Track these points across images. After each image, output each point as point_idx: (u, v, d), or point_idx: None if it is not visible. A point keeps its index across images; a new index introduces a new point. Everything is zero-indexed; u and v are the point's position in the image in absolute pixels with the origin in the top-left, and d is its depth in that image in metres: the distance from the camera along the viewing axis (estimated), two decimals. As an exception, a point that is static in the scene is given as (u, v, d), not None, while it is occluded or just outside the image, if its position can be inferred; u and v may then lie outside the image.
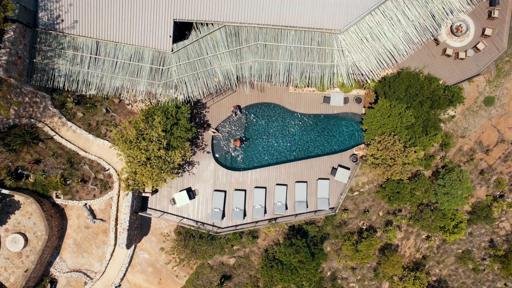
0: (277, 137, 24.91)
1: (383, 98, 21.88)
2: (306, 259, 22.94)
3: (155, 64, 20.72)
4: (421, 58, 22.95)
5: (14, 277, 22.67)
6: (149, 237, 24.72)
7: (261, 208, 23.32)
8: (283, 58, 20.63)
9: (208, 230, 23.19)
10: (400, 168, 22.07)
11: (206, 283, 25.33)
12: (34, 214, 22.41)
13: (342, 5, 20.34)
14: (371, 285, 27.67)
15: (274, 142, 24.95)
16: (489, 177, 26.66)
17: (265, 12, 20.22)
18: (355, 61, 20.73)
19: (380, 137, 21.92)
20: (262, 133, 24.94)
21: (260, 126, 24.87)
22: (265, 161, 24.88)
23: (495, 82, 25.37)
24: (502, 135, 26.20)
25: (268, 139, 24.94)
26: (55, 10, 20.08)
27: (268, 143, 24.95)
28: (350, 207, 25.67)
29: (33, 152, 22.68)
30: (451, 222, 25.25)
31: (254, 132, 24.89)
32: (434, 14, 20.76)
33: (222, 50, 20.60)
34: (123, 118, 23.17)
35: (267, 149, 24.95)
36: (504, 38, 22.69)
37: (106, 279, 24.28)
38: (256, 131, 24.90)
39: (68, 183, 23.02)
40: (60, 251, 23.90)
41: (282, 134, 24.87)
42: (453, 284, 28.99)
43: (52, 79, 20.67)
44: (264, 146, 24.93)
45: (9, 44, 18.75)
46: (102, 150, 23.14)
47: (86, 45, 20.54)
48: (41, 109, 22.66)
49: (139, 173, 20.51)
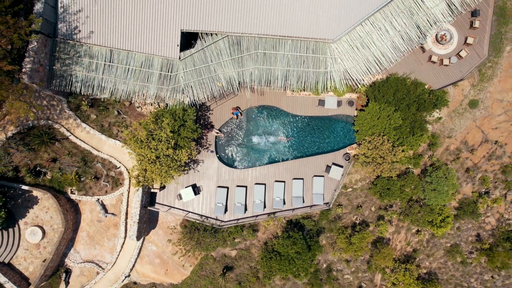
0: (275, 137, 27.40)
1: (373, 101, 24.38)
2: (302, 250, 25.40)
3: (164, 70, 23.24)
4: (409, 64, 25.45)
5: (32, 266, 25.14)
6: (156, 230, 27.19)
7: (261, 203, 25.82)
8: (281, 65, 23.15)
9: (212, 223, 25.67)
10: (388, 166, 24.55)
11: (209, 273, 27.79)
12: (51, 209, 24.89)
13: (335, 16, 22.85)
14: (365, 277, 30.10)
15: (273, 141, 27.45)
16: (475, 175, 29.12)
17: (264, 23, 22.73)
18: (346, 68, 23.24)
19: (371, 137, 24.42)
20: (262, 133, 27.43)
21: (260, 127, 27.37)
22: (264, 159, 27.37)
23: (479, 86, 27.86)
24: (486, 136, 28.67)
25: (268, 139, 27.44)
26: (73, 21, 22.59)
27: (267, 143, 27.45)
28: (344, 203, 28.14)
29: (50, 151, 25.15)
30: (438, 217, 27.68)
31: (255, 132, 27.39)
32: (419, 25, 23.27)
33: (225, 58, 23.12)
34: (133, 120, 25.65)
35: (267, 148, 27.46)
36: (484, 46, 25.19)
37: (116, 269, 26.73)
38: (256, 132, 27.40)
39: (82, 180, 25.49)
40: (74, 243, 26.36)
41: (280, 134, 27.37)
42: (442, 276, 31.39)
43: (70, 84, 23.17)
44: (263, 145, 27.44)
45: (32, 53, 21.24)
46: (114, 149, 25.61)
47: (101, 53, 23.04)
48: (58, 112, 25.14)
49: (149, 170, 22.99)
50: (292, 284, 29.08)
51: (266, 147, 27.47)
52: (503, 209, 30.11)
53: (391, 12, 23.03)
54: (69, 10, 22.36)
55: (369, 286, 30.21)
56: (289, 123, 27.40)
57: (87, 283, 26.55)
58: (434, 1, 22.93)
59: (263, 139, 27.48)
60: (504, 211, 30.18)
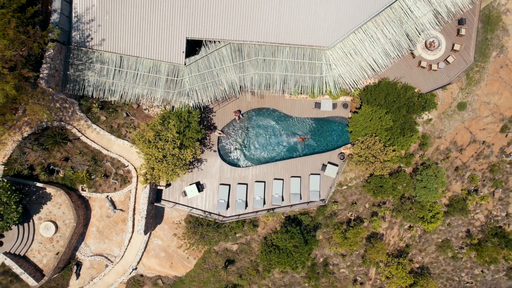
0: (275, 137, 29.63)
1: (366, 104, 26.59)
2: (299, 244, 27.58)
3: (170, 75, 25.43)
4: (400, 69, 27.64)
5: (46, 259, 27.33)
6: (162, 225, 29.37)
7: (261, 199, 28.03)
8: (279, 71, 25.36)
9: (215, 218, 27.85)
10: (380, 165, 26.73)
11: (212, 266, 29.97)
12: (64, 205, 27.08)
13: (330, 25, 25.04)
14: (360, 271, 32.29)
15: (272, 141, 29.66)
16: (463, 173, 31.32)
17: (264, 31, 24.93)
18: (340, 73, 25.46)
19: (363, 138, 26.62)
20: (262, 133, 29.64)
21: (260, 128, 29.58)
22: (264, 158, 29.59)
23: (467, 90, 30.07)
24: (474, 136, 30.88)
25: (267, 139, 29.66)
26: (85, 30, 24.77)
27: (267, 143, 29.67)
28: (340, 200, 30.33)
29: (63, 150, 27.33)
30: (429, 213, 29.86)
31: (255, 133, 29.59)
32: (408, 33, 25.48)
33: (228, 63, 25.32)
34: (141, 121, 27.83)
35: (266, 148, 29.67)
36: (470, 52, 27.40)
37: (124, 262, 28.91)
38: (257, 132, 29.60)
39: (93, 178, 27.67)
40: (84, 238, 28.52)
41: (279, 135, 29.59)
42: (434, 271, 33.58)
43: (83, 88, 25.34)
44: (263, 145, 29.65)
45: (49, 60, 23.41)
46: (122, 149, 27.78)
47: (112, 59, 25.22)
48: (70, 114, 27.31)
49: (156, 169, 25.16)
50: (290, 277, 31.26)
51: (266, 146, 29.68)
52: (492, 206, 32.31)
53: (382, 21, 25.23)
54: (82, 19, 24.54)
55: (364, 280, 32.40)
56: (287, 124, 29.60)
57: (97, 275, 28.72)
58: (422, 11, 25.14)
59: (263, 139, 29.69)
60: (493, 208, 32.38)
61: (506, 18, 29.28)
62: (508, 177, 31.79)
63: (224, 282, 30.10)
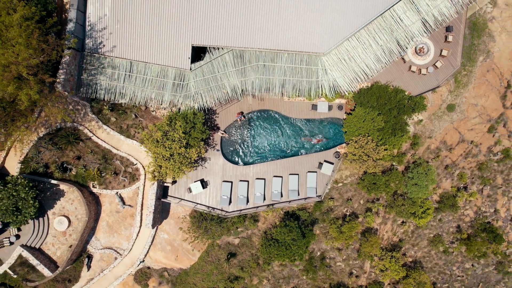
0: (274, 137, 32.09)
1: (359, 106, 29.05)
2: (297, 237, 30.01)
3: (177, 79, 27.88)
4: (391, 73, 30.10)
5: (60, 251, 29.77)
6: (168, 220, 31.80)
7: (261, 195, 30.49)
8: (278, 75, 27.82)
9: (218, 213, 30.30)
10: (373, 163, 29.18)
11: (215, 259, 32.40)
12: (76, 201, 29.53)
13: (325, 33, 27.51)
14: (355, 264, 34.71)
15: (271, 141, 32.13)
16: (453, 171, 33.76)
17: (264, 39, 27.40)
18: (335, 78, 27.92)
19: (357, 138, 29.07)
20: (262, 134, 32.11)
21: (261, 128, 32.04)
22: (264, 157, 32.05)
23: (456, 92, 32.52)
24: (462, 136, 33.33)
25: (267, 139, 32.12)
26: (98, 37, 27.22)
27: (266, 142, 32.14)
28: (336, 196, 32.77)
29: (75, 150, 29.77)
30: (420, 209, 32.28)
31: (255, 133, 32.04)
32: (399, 40, 27.94)
33: (230, 69, 27.78)
34: (149, 122, 30.28)
35: (266, 147, 32.13)
36: (457, 57, 29.86)
37: (132, 255, 31.34)
38: (257, 132, 32.06)
39: (103, 175, 30.10)
40: (95, 232, 30.96)
41: (278, 135, 32.06)
42: (427, 264, 35.98)
43: (95, 91, 27.77)
44: (263, 144, 32.12)
45: (65, 66, 25.85)
46: (131, 148, 30.22)
47: (122, 65, 27.66)
48: (82, 115, 29.75)
49: (164, 167, 27.60)
50: (289, 270, 33.69)
51: (266, 146, 32.14)
52: (480, 203, 34.75)
53: (374, 29, 27.69)
54: (95, 28, 26.99)
55: (359, 273, 34.84)
56: (286, 125, 32.07)
57: (107, 267, 31.15)
58: (411, 19, 27.61)
59: (263, 139, 32.14)
60: (481, 204, 34.81)
61: (491, 25, 31.75)
62: (496, 175, 34.22)
63: (226, 274, 32.53)
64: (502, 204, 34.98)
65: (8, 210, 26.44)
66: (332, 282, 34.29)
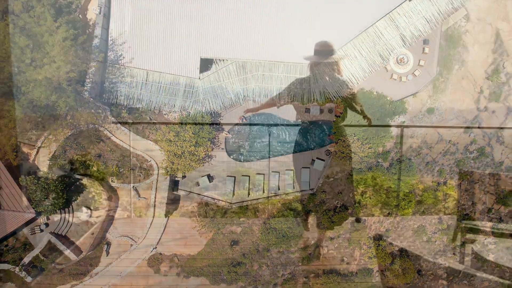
0: (273, 137, 37.59)
1: (346, 110, 34.55)
2: (293, 226, 35.44)
3: (187, 87, 33.34)
4: (375, 81, 35.52)
5: (83, 238, 35.18)
6: (178, 210, 37.22)
7: (261, 188, 35.93)
8: (275, 84, 33.29)
9: (222, 205, 35.74)
10: (359, 160, 34.63)
11: (219, 246, 37.80)
12: (97, 193, 34.95)
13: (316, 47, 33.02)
14: (346, 252, 40.07)
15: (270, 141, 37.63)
16: (433, 168, 39.15)
17: (263, 52, 32.86)
18: (325, 85, 33.42)
19: (344, 137, 34.55)
20: (261, 134, 37.61)
21: (260, 129, 37.55)
22: (263, 155, 37.53)
23: (434, 97, 37.96)
24: (441, 136, 38.74)
25: (266, 139, 37.61)
26: (119, 50, 32.68)
27: (266, 142, 37.64)
28: (327, 190, 38.16)
29: (96, 148, 35.18)
30: (403, 201, 37.68)
31: (256, 134, 37.52)
32: (380, 52, 33.41)
33: (234, 77, 33.25)
34: (162, 125, 35.75)
35: (265, 146, 37.64)
36: (434, 67, 35.33)
37: (146, 242, 36.72)
38: (257, 133, 37.55)
39: (121, 171, 35.52)
40: (113, 221, 36.36)
41: (276, 135, 37.55)
42: (412, 253, 41.36)
43: (116, 98, 33.22)
44: (263, 144, 37.61)
45: (91, 76, 31.34)
46: (146, 147, 35.62)
47: (139, 74, 33.11)
48: (103, 118, 35.12)
49: (176, 163, 33.04)
50: (286, 258, 39.07)
51: (265, 145, 37.64)
52: (458, 196, 40.14)
53: (359, 43, 33.16)
54: (116, 42, 32.45)
55: (350, 260, 40.19)
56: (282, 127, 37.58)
57: (123, 253, 36.54)
58: (391, 34, 33.08)
59: (263, 138, 37.63)
60: (459, 198, 40.21)
61: (465, 38, 37.19)
62: (473, 171, 39.64)
63: (230, 260, 37.95)
64: (479, 198, 40.37)
65: (41, 201, 31.89)
66: (326, 269, 39.67)
